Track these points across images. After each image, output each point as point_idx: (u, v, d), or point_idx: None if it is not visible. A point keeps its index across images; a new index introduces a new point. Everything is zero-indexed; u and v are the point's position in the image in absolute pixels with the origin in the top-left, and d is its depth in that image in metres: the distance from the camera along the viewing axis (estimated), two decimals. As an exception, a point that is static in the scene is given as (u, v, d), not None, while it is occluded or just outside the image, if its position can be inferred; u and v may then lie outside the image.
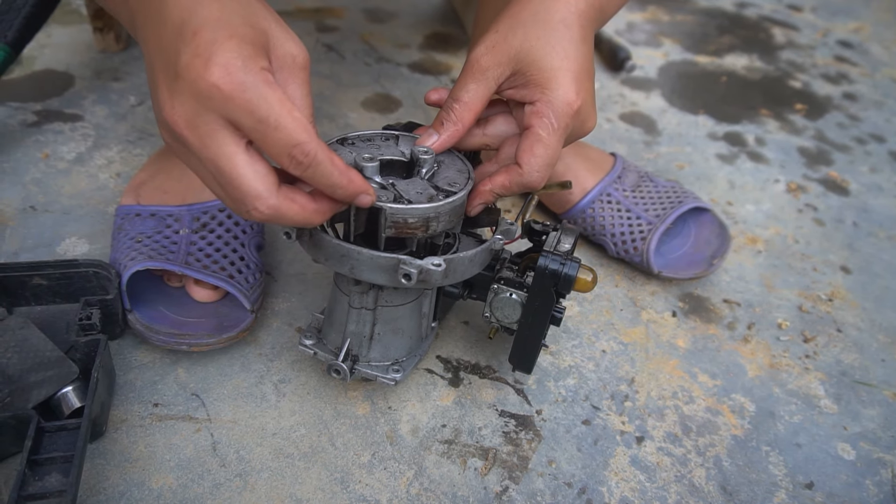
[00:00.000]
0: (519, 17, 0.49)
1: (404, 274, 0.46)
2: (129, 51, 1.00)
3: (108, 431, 0.54)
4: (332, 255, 0.48)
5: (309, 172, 0.40)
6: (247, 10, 0.40)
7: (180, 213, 0.63)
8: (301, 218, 0.42)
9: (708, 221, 0.76)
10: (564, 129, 0.49)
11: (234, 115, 0.38)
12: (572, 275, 0.51)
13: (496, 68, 0.49)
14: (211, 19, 0.38)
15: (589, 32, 0.51)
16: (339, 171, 0.41)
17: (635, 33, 1.27)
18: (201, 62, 0.37)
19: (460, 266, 0.50)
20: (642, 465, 0.58)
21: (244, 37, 0.38)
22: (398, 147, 0.53)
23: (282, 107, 0.38)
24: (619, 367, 0.66)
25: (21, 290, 0.59)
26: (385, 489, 0.53)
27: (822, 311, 0.75)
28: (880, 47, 1.36)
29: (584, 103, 0.49)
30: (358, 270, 0.48)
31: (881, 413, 0.65)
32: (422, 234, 0.48)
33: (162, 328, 0.58)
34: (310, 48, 1.07)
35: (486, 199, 0.52)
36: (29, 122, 0.84)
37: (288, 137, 0.38)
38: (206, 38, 0.37)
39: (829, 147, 1.03)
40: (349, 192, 0.42)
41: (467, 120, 0.50)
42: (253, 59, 0.38)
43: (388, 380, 0.54)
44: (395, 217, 0.46)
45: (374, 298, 0.52)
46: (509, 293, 0.54)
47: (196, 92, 0.37)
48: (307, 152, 0.39)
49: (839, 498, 0.57)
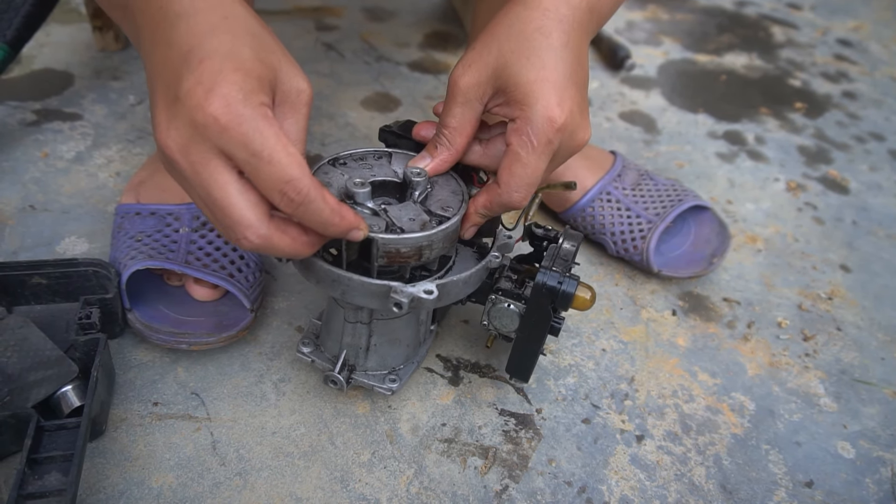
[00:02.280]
0: (494, 32, 0.47)
1: (395, 303, 0.45)
2: (129, 50, 1.00)
3: (108, 430, 0.54)
4: (323, 279, 0.47)
5: (300, 210, 0.39)
6: (257, 44, 0.40)
7: (180, 212, 0.63)
8: (291, 250, 0.42)
9: (708, 220, 0.76)
10: (546, 145, 0.46)
11: (228, 147, 0.37)
12: (570, 292, 0.50)
13: (476, 88, 0.47)
14: (221, 51, 0.38)
15: (576, 37, 0.47)
16: (331, 208, 0.40)
17: (635, 32, 1.27)
18: (202, 91, 0.37)
19: (454, 289, 0.49)
20: (642, 463, 0.58)
21: (250, 71, 0.38)
22: (391, 166, 0.52)
23: (277, 141, 0.38)
24: (618, 365, 0.66)
25: (20, 290, 0.59)
26: (385, 488, 0.53)
27: (821, 310, 0.75)
28: (880, 46, 1.36)
29: (570, 115, 0.46)
30: (350, 296, 0.47)
31: (881, 411, 0.65)
32: (415, 262, 0.47)
33: (161, 327, 0.58)
34: (309, 47, 1.07)
35: (474, 221, 0.50)
36: (28, 121, 0.84)
37: (281, 172, 0.38)
38: (211, 68, 0.37)
39: (828, 146, 1.03)
40: (341, 229, 0.42)
41: (459, 144, 0.49)
42: (254, 94, 0.38)
43: (385, 389, 0.55)
44: (388, 247, 0.45)
45: (368, 313, 0.52)
46: (507, 304, 0.54)
47: (193, 120, 0.37)
48: (299, 189, 0.38)
49: (839, 496, 0.57)
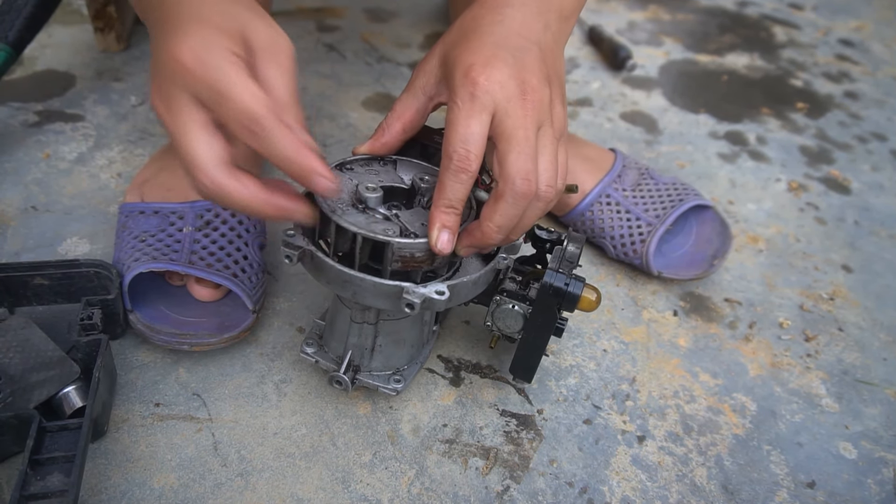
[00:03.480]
0: (447, 31, 0.51)
1: (407, 304, 0.46)
2: (130, 51, 1.00)
3: (110, 431, 0.54)
4: (334, 280, 0.47)
5: (263, 142, 0.41)
6: (226, 5, 0.43)
7: (184, 211, 0.63)
8: (247, 203, 0.42)
9: (709, 219, 0.76)
10: (470, 100, 0.44)
11: (197, 90, 0.40)
12: (577, 294, 0.51)
13: (421, 77, 0.51)
14: (193, 14, 0.42)
15: (515, 16, 0.48)
16: (295, 144, 0.41)
17: (636, 32, 1.27)
18: (175, 44, 0.41)
19: (464, 290, 0.49)
20: (643, 464, 0.58)
21: (219, 26, 0.42)
22: (396, 172, 0.53)
23: (241, 81, 0.40)
24: (620, 366, 0.65)
25: (23, 290, 0.59)
26: (386, 489, 0.53)
27: (823, 310, 0.75)
28: (881, 46, 1.36)
29: (494, 70, 0.44)
30: (360, 296, 0.47)
31: (883, 412, 0.65)
32: (427, 266, 0.48)
33: (163, 328, 0.58)
34: (310, 48, 1.07)
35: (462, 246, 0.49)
36: (30, 122, 0.84)
37: (244, 108, 0.40)
38: (183, 29, 0.42)
39: (830, 146, 1.03)
40: (302, 167, 0.42)
41: (395, 129, 0.52)
42: (220, 42, 0.41)
43: (389, 390, 0.55)
44: (403, 252, 0.46)
45: (375, 314, 0.52)
46: (511, 305, 0.54)
47: (167, 70, 0.41)
48: (262, 122, 0.40)
49: (841, 497, 0.57)
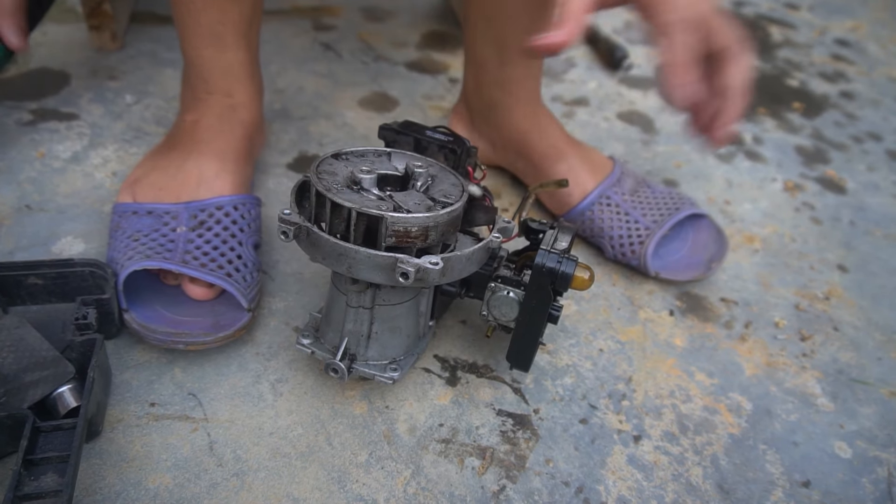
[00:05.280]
0: None
1: (402, 273, 0.46)
2: (125, 49, 0.99)
3: (105, 431, 0.54)
4: (329, 254, 0.48)
5: None
6: None
7: (178, 211, 0.62)
8: None
9: (705, 226, 0.76)
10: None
11: None
12: (569, 272, 0.51)
13: None
14: None
15: None
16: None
17: (633, 32, 1.27)
18: None
19: (458, 264, 0.50)
20: (639, 463, 0.58)
21: None
22: (391, 163, 0.54)
23: None
24: (616, 365, 0.66)
25: (17, 290, 0.59)
26: (382, 488, 0.53)
27: (818, 310, 0.75)
28: (877, 46, 1.36)
29: None
30: (355, 269, 0.48)
31: (877, 411, 0.65)
32: (420, 243, 0.48)
33: (158, 327, 0.57)
34: (307, 47, 1.07)
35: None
36: (24, 120, 0.84)
37: None
38: None
39: (826, 146, 1.04)
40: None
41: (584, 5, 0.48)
42: None
43: (386, 378, 0.54)
44: (396, 226, 0.46)
45: (371, 297, 0.52)
46: (506, 291, 0.54)
47: None
48: None
49: (836, 496, 0.57)
